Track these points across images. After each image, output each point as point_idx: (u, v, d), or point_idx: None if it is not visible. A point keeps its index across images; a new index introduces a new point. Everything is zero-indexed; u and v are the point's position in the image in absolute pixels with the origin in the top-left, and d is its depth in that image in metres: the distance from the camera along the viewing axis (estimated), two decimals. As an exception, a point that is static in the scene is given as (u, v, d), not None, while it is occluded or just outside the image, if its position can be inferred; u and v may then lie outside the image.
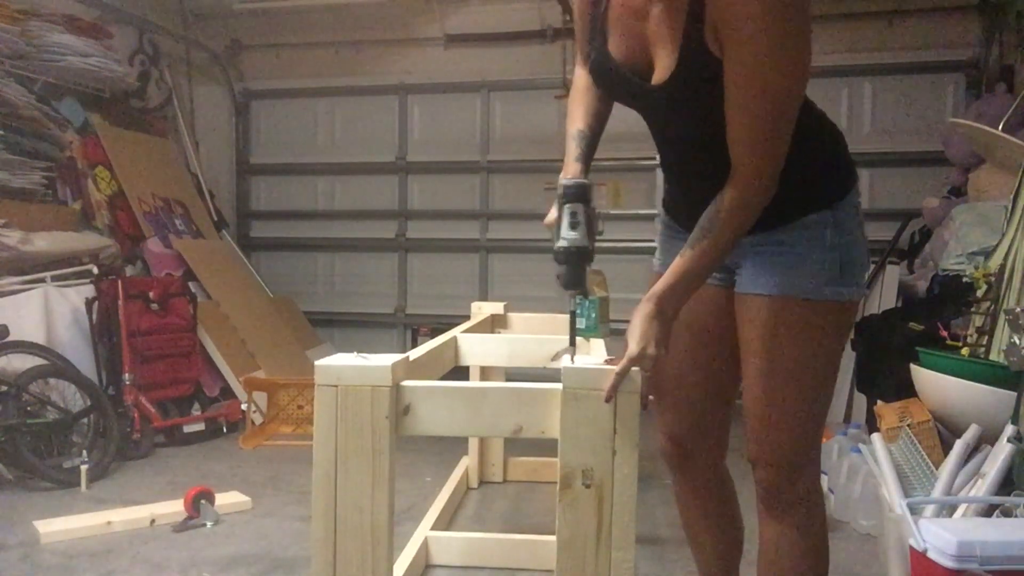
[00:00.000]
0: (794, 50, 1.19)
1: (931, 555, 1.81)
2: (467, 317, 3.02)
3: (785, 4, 1.15)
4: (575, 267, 1.36)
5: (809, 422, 1.46)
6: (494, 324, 3.02)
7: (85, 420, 3.58)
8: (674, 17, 1.25)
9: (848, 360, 4.02)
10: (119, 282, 4.06)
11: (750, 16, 1.15)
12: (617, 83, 1.39)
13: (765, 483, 1.48)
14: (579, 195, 1.37)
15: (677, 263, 1.35)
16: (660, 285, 1.35)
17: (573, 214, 1.35)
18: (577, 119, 1.49)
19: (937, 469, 2.59)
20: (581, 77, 1.52)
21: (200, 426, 4.22)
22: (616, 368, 1.32)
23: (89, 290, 4.08)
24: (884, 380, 3.55)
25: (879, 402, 3.31)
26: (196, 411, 4.34)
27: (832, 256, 1.38)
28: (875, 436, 2.91)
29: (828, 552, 1.53)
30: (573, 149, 1.45)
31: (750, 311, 1.44)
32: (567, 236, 1.34)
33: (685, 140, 1.44)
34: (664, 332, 1.34)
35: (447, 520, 2.89)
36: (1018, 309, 2.52)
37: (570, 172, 1.42)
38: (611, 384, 1.32)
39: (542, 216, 1.45)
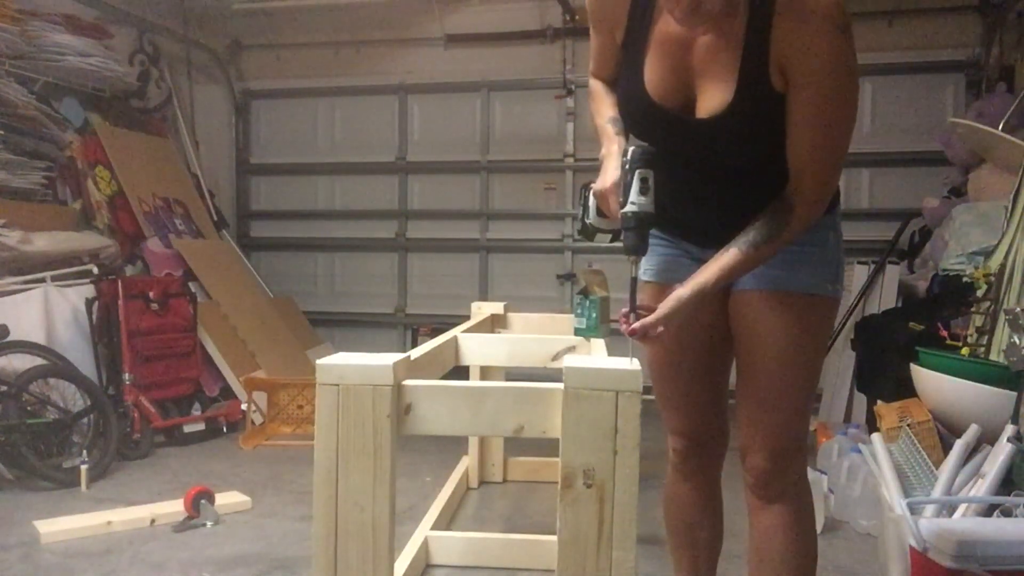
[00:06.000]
0: (854, 88, 1.30)
1: (931, 555, 1.81)
2: (467, 317, 3.02)
3: (846, 48, 1.25)
4: (642, 233, 1.37)
5: (802, 410, 1.53)
6: (494, 324, 3.02)
7: (85, 420, 3.58)
8: (728, 51, 1.31)
9: (848, 360, 4.01)
10: (119, 282, 4.06)
11: (821, 57, 1.24)
12: (653, 119, 1.42)
13: (757, 471, 1.52)
14: (650, 161, 1.37)
15: (730, 259, 1.36)
16: (706, 277, 1.37)
17: (644, 180, 1.35)
18: (607, 109, 1.54)
19: (937, 469, 2.59)
20: (598, 84, 1.59)
21: (200, 426, 4.22)
22: (647, 319, 1.36)
23: (89, 290, 4.07)
24: (884, 380, 3.55)
25: (879, 402, 3.31)
26: (196, 411, 4.34)
27: (832, 256, 1.50)
28: (875, 436, 2.91)
29: (817, 541, 1.58)
30: (612, 128, 1.50)
31: (757, 304, 1.49)
32: (637, 201, 1.35)
33: (721, 169, 1.44)
34: (682, 319, 1.39)
35: (447, 520, 2.90)
36: (1018, 309, 2.52)
37: (615, 144, 1.46)
38: (638, 326, 1.36)
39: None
